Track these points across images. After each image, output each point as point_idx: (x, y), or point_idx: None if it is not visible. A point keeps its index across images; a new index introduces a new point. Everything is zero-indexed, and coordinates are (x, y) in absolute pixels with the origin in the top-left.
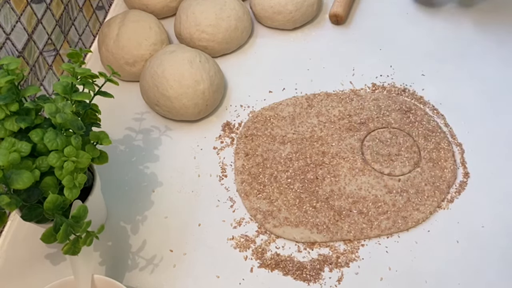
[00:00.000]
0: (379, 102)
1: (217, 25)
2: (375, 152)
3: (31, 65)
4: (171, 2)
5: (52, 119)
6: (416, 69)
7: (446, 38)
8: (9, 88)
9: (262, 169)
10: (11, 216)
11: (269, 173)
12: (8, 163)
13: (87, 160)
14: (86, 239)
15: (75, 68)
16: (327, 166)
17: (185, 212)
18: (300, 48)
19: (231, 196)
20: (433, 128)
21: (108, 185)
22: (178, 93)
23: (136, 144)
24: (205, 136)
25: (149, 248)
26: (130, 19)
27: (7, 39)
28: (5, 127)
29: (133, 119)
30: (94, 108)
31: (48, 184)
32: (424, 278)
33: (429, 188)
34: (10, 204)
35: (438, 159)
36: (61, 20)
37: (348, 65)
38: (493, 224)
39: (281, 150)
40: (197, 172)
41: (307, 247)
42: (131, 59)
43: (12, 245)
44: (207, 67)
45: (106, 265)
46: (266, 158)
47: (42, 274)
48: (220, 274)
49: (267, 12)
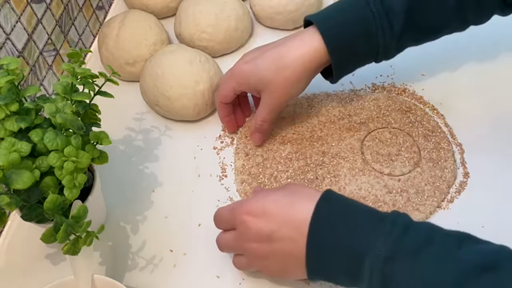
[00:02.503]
0: (379, 102)
1: (217, 25)
2: (375, 152)
3: (31, 65)
4: (171, 2)
5: (52, 119)
6: (416, 69)
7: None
8: (9, 88)
9: (262, 169)
10: (11, 216)
11: (269, 173)
12: (8, 163)
13: (87, 160)
14: (86, 239)
15: (75, 68)
16: (327, 166)
17: (185, 212)
18: None
19: (231, 196)
20: (433, 128)
21: (108, 185)
22: (178, 93)
23: (136, 144)
24: (205, 136)
25: (149, 248)
26: (130, 19)
27: (7, 39)
28: (5, 127)
29: (133, 119)
30: (94, 108)
31: (48, 184)
32: None
33: (429, 188)
34: (10, 204)
35: (438, 159)
36: (61, 20)
37: None
38: (493, 224)
39: (281, 150)
40: (197, 172)
41: None
42: (131, 59)
43: (12, 245)
44: (207, 67)
45: (106, 265)
46: (266, 158)
47: (42, 274)
48: (220, 274)
49: (267, 12)
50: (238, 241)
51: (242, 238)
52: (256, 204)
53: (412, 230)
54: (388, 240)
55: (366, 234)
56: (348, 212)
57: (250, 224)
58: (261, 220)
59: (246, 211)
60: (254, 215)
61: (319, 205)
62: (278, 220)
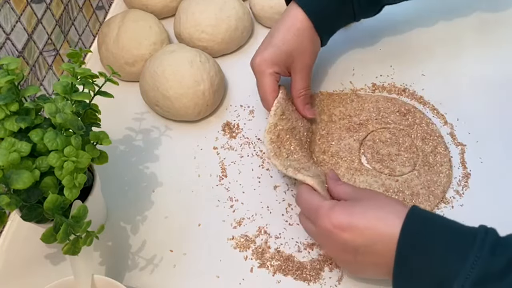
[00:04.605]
0: (378, 104)
1: (217, 25)
2: (375, 152)
3: (31, 65)
4: (171, 2)
5: (52, 119)
6: (416, 69)
7: (446, 38)
8: (9, 88)
9: (290, 136)
10: (11, 216)
11: (293, 147)
12: (8, 163)
13: (87, 160)
14: (86, 239)
15: (75, 68)
16: (327, 165)
17: (185, 212)
18: None
19: (231, 196)
20: (431, 131)
21: (108, 185)
22: (178, 93)
23: (136, 144)
24: (205, 136)
25: (149, 248)
26: (130, 19)
27: (7, 39)
28: (5, 127)
29: (133, 119)
30: (94, 108)
31: (48, 184)
32: None
33: (424, 192)
34: (10, 204)
35: (434, 163)
36: (61, 20)
37: (348, 65)
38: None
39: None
40: (197, 172)
41: (307, 247)
42: (131, 59)
43: (12, 245)
44: (207, 67)
45: (106, 265)
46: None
47: (42, 274)
48: (220, 274)
49: (267, 12)
50: (320, 239)
51: (325, 241)
52: (342, 217)
53: (500, 247)
54: (478, 263)
55: (455, 257)
56: (435, 233)
57: (335, 237)
58: (348, 234)
59: (332, 223)
60: (341, 228)
61: (406, 224)
62: (365, 236)
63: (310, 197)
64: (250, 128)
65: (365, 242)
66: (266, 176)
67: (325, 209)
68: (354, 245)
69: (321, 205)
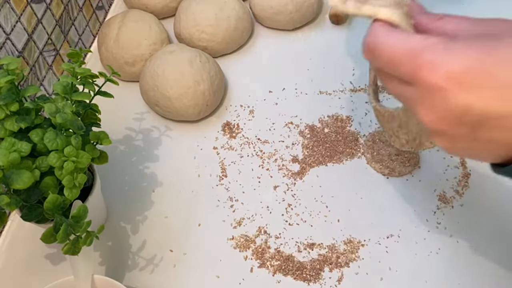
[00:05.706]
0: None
1: (217, 25)
2: (375, 152)
3: (31, 65)
4: (171, 2)
5: (52, 119)
6: None
7: None
8: (9, 88)
9: None
10: (11, 216)
11: None
12: (8, 163)
13: (87, 160)
14: (86, 239)
15: (75, 68)
16: None
17: (185, 212)
18: (300, 48)
19: (231, 196)
20: None
21: (108, 185)
22: (178, 93)
23: (136, 144)
24: (205, 136)
25: (149, 248)
26: (130, 19)
27: (7, 39)
28: (5, 127)
29: (133, 119)
30: (94, 108)
31: (48, 184)
32: (424, 278)
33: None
34: (10, 204)
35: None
36: (61, 20)
37: (348, 65)
38: (493, 224)
39: None
40: (197, 172)
41: (307, 247)
42: (131, 59)
43: (12, 245)
44: (207, 67)
45: (106, 265)
46: None
47: (42, 274)
48: (220, 274)
49: (267, 12)
50: (419, 107)
51: (428, 108)
52: (463, 62)
53: None
54: None
55: None
56: None
57: (449, 95)
58: (471, 93)
59: (447, 71)
60: (458, 81)
61: None
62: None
63: (394, 38)
64: (250, 128)
65: (505, 111)
66: (266, 176)
67: (432, 49)
68: (483, 112)
69: (423, 45)
